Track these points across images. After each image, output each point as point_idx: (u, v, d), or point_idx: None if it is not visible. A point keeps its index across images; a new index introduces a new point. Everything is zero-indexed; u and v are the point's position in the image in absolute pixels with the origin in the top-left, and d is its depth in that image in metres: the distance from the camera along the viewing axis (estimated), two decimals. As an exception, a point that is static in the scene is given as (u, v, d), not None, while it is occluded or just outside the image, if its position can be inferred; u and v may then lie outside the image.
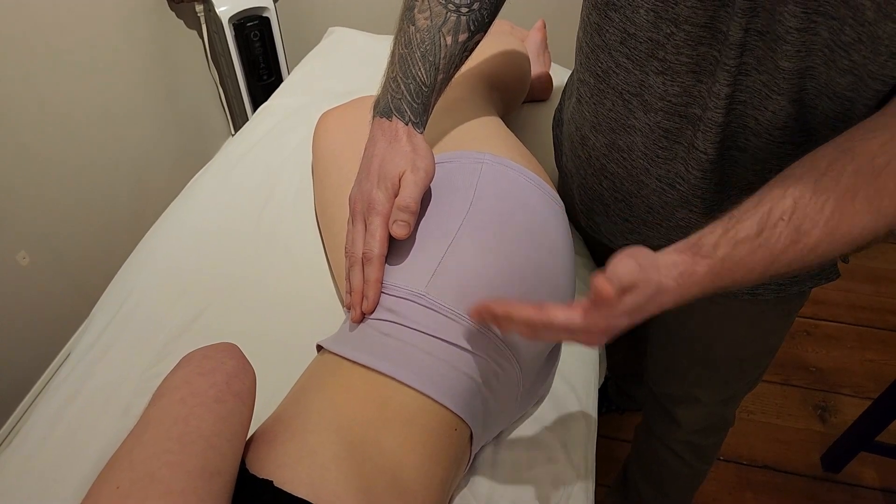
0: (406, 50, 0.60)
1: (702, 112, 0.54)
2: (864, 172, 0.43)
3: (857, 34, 0.42)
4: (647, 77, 0.55)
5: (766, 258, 0.46)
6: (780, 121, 0.50)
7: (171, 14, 1.69)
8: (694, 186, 0.59)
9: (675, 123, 0.56)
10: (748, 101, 0.51)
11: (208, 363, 0.47)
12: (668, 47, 0.52)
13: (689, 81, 0.53)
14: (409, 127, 0.60)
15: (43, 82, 1.27)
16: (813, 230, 0.45)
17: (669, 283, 0.48)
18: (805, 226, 0.45)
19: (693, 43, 0.50)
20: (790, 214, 0.45)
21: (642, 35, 0.53)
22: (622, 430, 1.41)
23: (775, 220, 0.46)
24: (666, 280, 0.48)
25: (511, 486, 0.63)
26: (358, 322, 0.58)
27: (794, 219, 0.45)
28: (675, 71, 0.53)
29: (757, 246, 0.46)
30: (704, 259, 0.47)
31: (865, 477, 1.36)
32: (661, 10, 0.50)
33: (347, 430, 0.50)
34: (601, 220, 0.74)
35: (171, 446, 0.40)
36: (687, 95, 0.54)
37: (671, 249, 0.49)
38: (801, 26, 0.43)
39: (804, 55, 0.45)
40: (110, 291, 0.81)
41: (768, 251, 0.46)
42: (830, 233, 0.44)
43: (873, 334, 1.66)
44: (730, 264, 0.47)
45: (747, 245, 0.46)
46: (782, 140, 0.52)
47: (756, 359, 0.82)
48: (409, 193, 0.57)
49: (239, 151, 0.99)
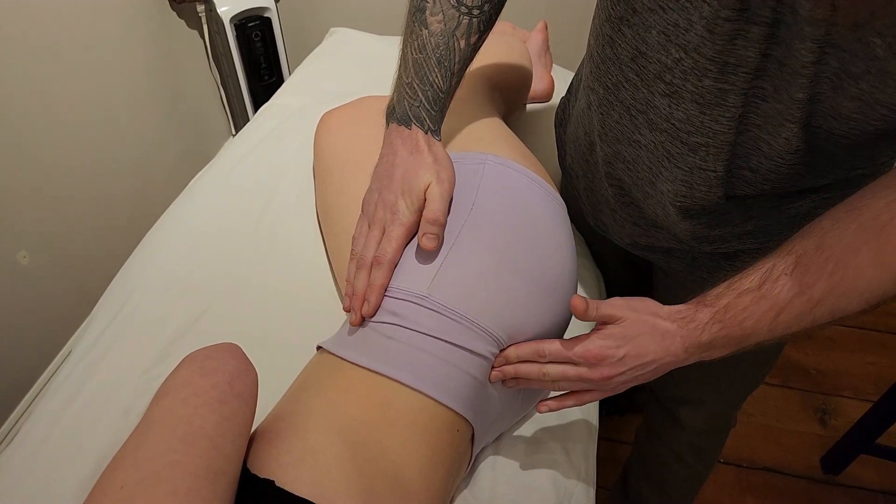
0: (420, 55, 0.60)
1: (707, 140, 0.54)
2: (868, 228, 0.44)
3: (866, 67, 0.42)
4: (653, 97, 0.55)
5: (770, 309, 0.48)
6: (792, 145, 0.50)
7: (173, 14, 1.69)
8: (699, 201, 0.59)
9: (678, 148, 0.56)
10: (762, 125, 0.51)
11: (211, 363, 0.47)
12: (676, 72, 0.51)
13: (693, 110, 0.52)
14: (428, 136, 0.61)
15: (44, 82, 1.27)
16: (817, 283, 0.46)
17: (669, 326, 0.51)
18: (808, 279, 0.46)
19: (699, 73, 0.50)
20: (792, 269, 0.47)
21: (652, 55, 0.53)
22: (623, 432, 1.41)
23: (778, 274, 0.48)
24: (665, 323, 0.51)
25: (512, 487, 0.63)
26: (357, 325, 0.58)
27: (797, 273, 0.47)
28: (681, 97, 0.52)
29: (760, 296, 0.48)
30: (707, 307, 0.50)
31: (866, 479, 1.37)
32: (672, 34, 0.50)
33: (349, 430, 0.50)
34: (609, 222, 0.74)
35: (176, 446, 0.40)
36: (690, 124, 0.53)
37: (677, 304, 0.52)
38: (815, 59, 0.44)
39: (815, 84, 0.45)
40: (111, 291, 0.81)
41: (772, 302, 0.48)
42: (834, 286, 0.45)
43: (873, 337, 1.66)
44: (734, 313, 0.49)
45: (749, 295, 0.49)
46: (793, 162, 0.52)
47: (762, 360, 0.82)
48: (437, 206, 0.57)
49: (240, 152, 0.99)
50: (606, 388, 0.55)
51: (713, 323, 0.50)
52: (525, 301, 0.58)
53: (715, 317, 0.50)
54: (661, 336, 0.51)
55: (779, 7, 0.44)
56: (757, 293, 0.48)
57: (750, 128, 0.52)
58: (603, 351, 0.51)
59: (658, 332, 0.51)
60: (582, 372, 0.53)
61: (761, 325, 0.48)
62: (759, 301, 0.48)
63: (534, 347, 0.55)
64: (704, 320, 0.50)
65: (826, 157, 0.52)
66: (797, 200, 0.60)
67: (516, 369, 0.56)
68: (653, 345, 0.51)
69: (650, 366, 0.52)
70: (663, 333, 0.51)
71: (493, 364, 0.57)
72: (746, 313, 0.48)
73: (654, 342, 0.51)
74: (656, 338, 0.51)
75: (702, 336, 0.50)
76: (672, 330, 0.51)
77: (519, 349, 0.56)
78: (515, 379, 0.57)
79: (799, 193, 0.59)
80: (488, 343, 0.56)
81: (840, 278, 0.45)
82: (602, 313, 0.52)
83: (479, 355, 0.56)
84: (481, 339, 0.56)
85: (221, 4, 1.64)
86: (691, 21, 0.47)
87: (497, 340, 0.57)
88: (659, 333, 0.51)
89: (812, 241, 0.47)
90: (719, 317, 0.49)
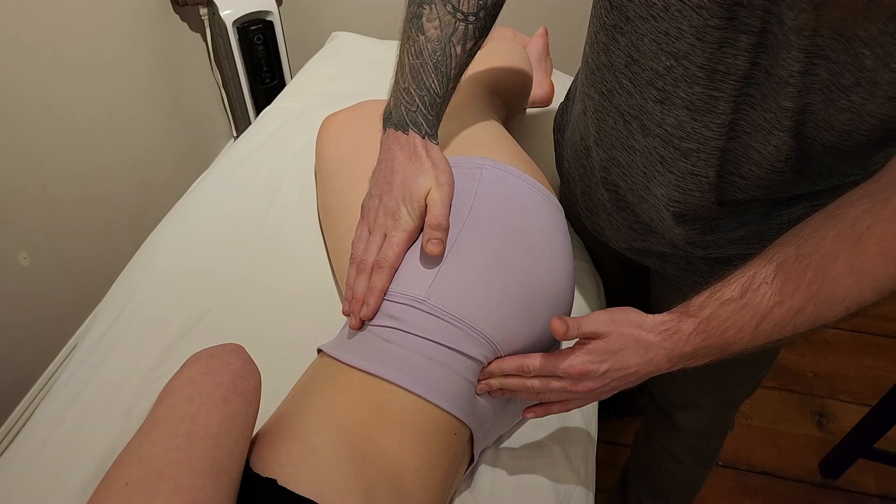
0: (417, 60, 0.61)
1: (698, 146, 0.54)
2: (845, 237, 0.45)
3: (855, 78, 0.43)
4: (646, 103, 0.56)
5: (752, 318, 0.48)
6: (782, 154, 0.51)
7: (176, 17, 1.70)
8: (692, 206, 0.60)
9: (671, 153, 0.57)
10: (752, 133, 0.52)
11: (214, 363, 0.48)
12: (668, 79, 0.52)
13: (684, 117, 0.53)
14: (425, 140, 0.61)
15: (47, 84, 1.27)
16: (796, 292, 0.46)
17: (653, 338, 0.52)
18: (788, 288, 0.47)
19: (689, 80, 0.50)
20: (772, 278, 0.48)
21: (644, 62, 0.53)
22: (622, 436, 1.41)
23: (758, 283, 0.48)
24: (648, 335, 0.52)
25: (511, 489, 0.63)
26: (356, 329, 0.58)
27: (776, 282, 0.47)
28: (673, 103, 0.53)
29: (741, 306, 0.49)
30: (690, 318, 0.51)
31: (864, 484, 1.37)
32: (664, 41, 0.50)
33: (348, 430, 0.51)
34: (605, 226, 0.75)
35: (180, 444, 0.40)
36: (682, 129, 0.54)
37: (661, 313, 0.53)
38: (803, 69, 0.44)
39: (804, 94, 0.46)
40: (114, 292, 0.82)
41: (753, 311, 0.48)
42: (814, 295, 0.46)
43: (871, 340, 1.66)
44: (716, 322, 0.50)
45: (731, 305, 0.49)
46: (784, 169, 0.53)
47: (760, 363, 0.82)
48: (439, 212, 0.58)
49: (242, 154, 1.00)
50: (591, 398, 0.56)
51: (696, 334, 0.50)
52: (522, 305, 0.59)
53: (698, 328, 0.50)
54: (644, 348, 0.52)
55: (766, 17, 0.44)
56: (739, 303, 0.49)
57: (740, 135, 0.52)
58: (586, 367, 0.52)
59: (641, 345, 0.52)
60: (566, 385, 0.54)
61: (743, 334, 0.49)
62: (741, 311, 0.49)
63: (518, 363, 0.56)
64: (688, 331, 0.51)
65: (817, 166, 0.52)
66: (790, 207, 0.61)
67: (501, 383, 0.57)
68: (636, 357, 0.52)
69: (633, 376, 0.53)
70: (647, 346, 0.52)
71: (479, 377, 0.58)
72: (728, 323, 0.49)
73: (638, 354, 0.52)
74: (640, 350, 0.52)
75: (685, 347, 0.51)
76: (655, 342, 0.52)
77: (503, 363, 0.57)
78: (501, 390, 0.58)
79: (791, 200, 0.60)
80: (484, 348, 0.57)
81: (819, 287, 0.45)
82: (584, 331, 0.53)
83: (476, 360, 0.56)
84: (478, 344, 0.56)
85: (224, 7, 1.65)
86: (681, 30, 0.48)
87: (493, 345, 0.57)
88: (642, 346, 0.52)
89: (792, 250, 0.47)
90: (702, 328, 0.50)
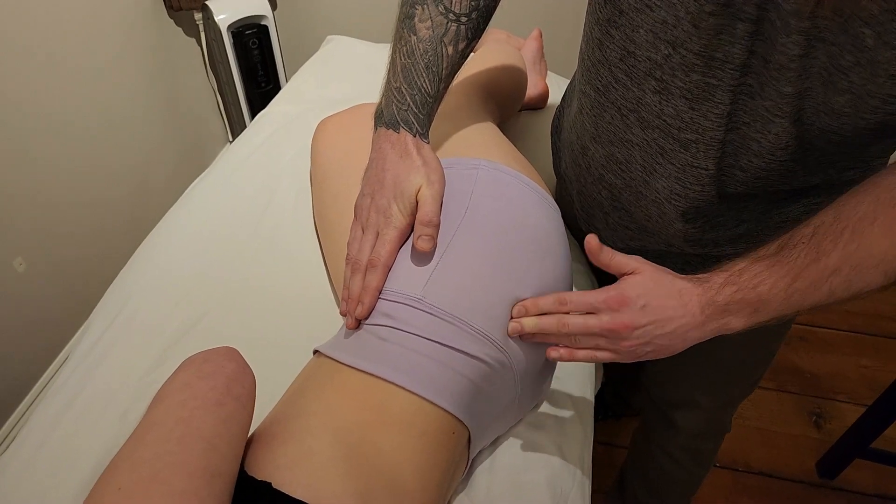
0: (409, 60, 0.61)
1: (697, 137, 0.55)
2: (883, 201, 0.46)
3: (855, 59, 0.43)
4: (644, 95, 0.56)
5: (786, 274, 0.49)
6: (781, 141, 0.51)
7: (171, 21, 1.70)
8: (693, 200, 0.60)
9: (670, 144, 0.57)
10: (751, 123, 0.52)
11: (208, 367, 0.48)
12: (665, 68, 0.53)
13: (682, 106, 0.54)
14: (416, 139, 0.61)
15: (42, 88, 1.27)
16: (832, 251, 0.47)
17: (686, 284, 0.52)
18: (825, 246, 0.47)
19: (687, 68, 0.51)
20: (810, 237, 0.48)
21: (641, 54, 0.54)
22: (619, 436, 1.41)
23: (795, 242, 0.49)
24: (681, 281, 0.52)
25: (508, 489, 0.63)
26: (353, 329, 0.58)
27: (814, 241, 0.48)
28: (671, 92, 0.54)
29: (775, 262, 0.49)
30: (723, 272, 0.51)
31: (861, 483, 1.37)
32: (660, 31, 0.51)
33: (345, 432, 0.50)
34: (601, 226, 0.75)
35: (173, 448, 0.40)
36: (680, 119, 0.55)
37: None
38: (802, 52, 0.45)
39: (804, 78, 0.46)
40: (109, 296, 0.82)
41: (787, 267, 0.49)
42: (850, 255, 0.47)
43: (868, 340, 1.67)
44: (748, 276, 0.50)
45: (766, 261, 0.50)
46: (783, 158, 0.53)
47: (757, 362, 0.82)
48: (430, 209, 0.58)
49: (238, 158, 1.00)
50: (624, 350, 0.53)
51: (727, 284, 0.50)
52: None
53: (729, 279, 0.50)
54: (678, 292, 0.52)
55: (763, 3, 0.45)
56: (773, 259, 0.49)
57: (739, 126, 0.53)
58: (626, 293, 0.52)
59: (675, 288, 0.52)
60: (604, 321, 0.52)
61: (776, 290, 0.49)
62: (774, 266, 0.49)
63: (555, 296, 0.56)
64: (719, 281, 0.51)
65: (817, 154, 0.53)
66: (788, 204, 0.61)
67: (538, 323, 0.56)
68: (671, 300, 0.51)
69: (669, 325, 0.51)
70: (680, 290, 0.52)
71: (512, 315, 0.57)
72: (761, 277, 0.49)
73: (673, 297, 0.51)
74: (674, 293, 0.52)
75: (717, 296, 0.50)
76: (688, 287, 0.52)
77: (538, 299, 0.56)
78: (533, 334, 0.57)
79: (790, 196, 0.60)
80: (483, 345, 0.57)
81: (856, 247, 0.46)
82: (618, 261, 0.53)
83: (474, 357, 0.56)
84: (476, 342, 0.56)
85: (219, 12, 1.65)
86: (678, 17, 0.49)
87: (493, 343, 0.57)
88: (676, 289, 0.52)
89: (830, 214, 0.48)
90: (734, 279, 0.50)
